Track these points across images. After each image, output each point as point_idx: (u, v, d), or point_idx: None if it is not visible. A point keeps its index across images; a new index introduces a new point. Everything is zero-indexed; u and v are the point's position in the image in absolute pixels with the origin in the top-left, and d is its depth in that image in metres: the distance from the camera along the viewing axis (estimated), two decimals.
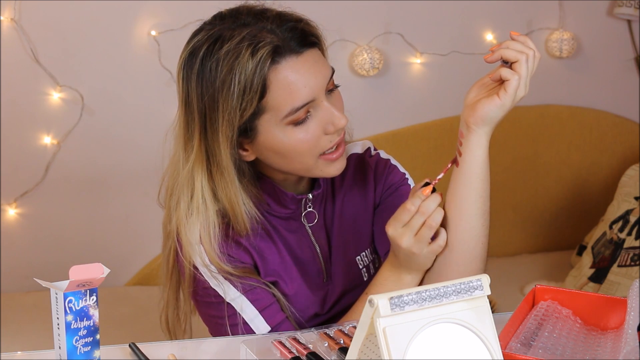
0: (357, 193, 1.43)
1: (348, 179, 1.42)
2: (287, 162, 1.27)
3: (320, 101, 1.24)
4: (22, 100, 2.55)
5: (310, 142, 1.24)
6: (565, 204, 2.96)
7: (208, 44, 1.22)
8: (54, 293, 1.05)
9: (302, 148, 1.24)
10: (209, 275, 1.29)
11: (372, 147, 1.48)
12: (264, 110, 1.22)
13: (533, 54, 1.21)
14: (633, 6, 2.83)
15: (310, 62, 1.23)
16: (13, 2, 2.48)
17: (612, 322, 1.17)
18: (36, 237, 2.65)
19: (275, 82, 1.20)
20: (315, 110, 1.24)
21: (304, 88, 1.21)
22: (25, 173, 2.60)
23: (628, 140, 2.95)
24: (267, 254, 1.34)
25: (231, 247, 1.30)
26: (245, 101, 1.20)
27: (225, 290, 1.29)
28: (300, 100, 1.21)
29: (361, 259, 1.41)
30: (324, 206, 1.40)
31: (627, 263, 2.40)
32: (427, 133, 2.81)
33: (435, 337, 0.90)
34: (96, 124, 2.60)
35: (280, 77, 1.20)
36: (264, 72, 1.19)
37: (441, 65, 2.80)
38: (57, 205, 2.64)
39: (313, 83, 1.22)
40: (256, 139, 1.25)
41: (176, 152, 1.29)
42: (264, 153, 1.27)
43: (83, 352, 1.05)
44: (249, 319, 1.30)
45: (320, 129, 1.25)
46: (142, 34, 2.57)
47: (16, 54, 2.51)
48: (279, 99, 1.21)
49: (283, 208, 1.35)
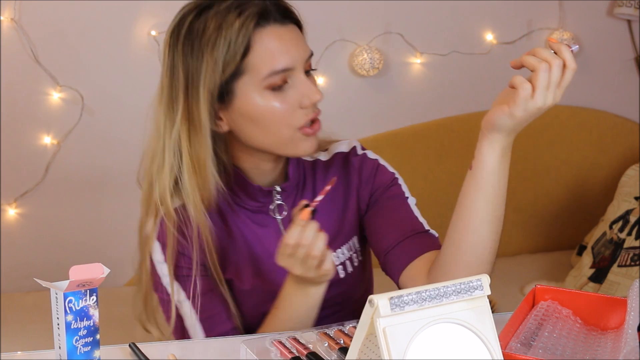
0: (339, 190, 1.43)
1: (332, 173, 1.43)
2: (261, 132, 1.29)
3: (299, 73, 1.28)
4: (22, 100, 2.55)
5: (286, 112, 1.27)
6: (566, 204, 2.96)
7: (197, 10, 1.28)
8: (54, 293, 1.05)
9: (277, 116, 1.27)
10: (164, 272, 1.33)
11: (358, 147, 1.48)
12: (244, 71, 1.26)
13: (559, 64, 1.13)
14: (633, 6, 2.83)
15: (292, 34, 1.29)
16: (13, 2, 2.48)
17: (612, 322, 1.17)
18: (36, 237, 2.65)
19: (259, 43, 1.25)
20: (293, 80, 1.28)
21: (285, 54, 1.26)
22: (25, 173, 2.60)
23: (628, 140, 2.95)
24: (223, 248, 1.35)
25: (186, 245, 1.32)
26: (229, 57, 1.24)
27: (174, 291, 1.33)
28: (280, 64, 1.25)
29: (337, 255, 1.41)
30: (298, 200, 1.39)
31: (627, 263, 2.40)
32: (427, 133, 2.81)
33: (435, 337, 0.90)
34: (96, 124, 2.60)
35: (264, 40, 1.26)
36: (249, 32, 1.25)
37: (441, 65, 2.80)
38: (57, 205, 2.64)
39: (294, 52, 1.27)
40: (232, 104, 1.28)
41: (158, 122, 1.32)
42: (239, 122, 1.29)
43: (83, 352, 1.05)
44: (190, 324, 1.33)
45: (296, 100, 1.28)
46: (142, 34, 2.57)
47: (16, 54, 2.51)
48: (260, 61, 1.25)
49: (252, 200, 1.37)
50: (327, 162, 1.44)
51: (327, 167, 1.44)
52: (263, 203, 1.37)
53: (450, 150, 2.82)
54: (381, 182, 1.43)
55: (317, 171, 1.43)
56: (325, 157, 1.45)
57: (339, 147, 1.46)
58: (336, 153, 1.45)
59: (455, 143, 2.82)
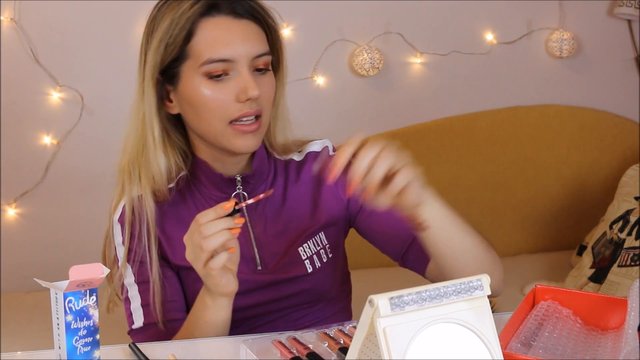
0: (309, 187, 1.44)
1: (305, 173, 1.45)
2: (198, 120, 1.32)
3: (241, 67, 1.29)
4: (22, 100, 2.55)
5: (219, 102, 1.29)
6: (565, 204, 2.96)
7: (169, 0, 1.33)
8: (54, 293, 1.05)
9: (210, 105, 1.29)
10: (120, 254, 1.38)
11: (330, 147, 1.49)
12: (187, 55, 1.30)
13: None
14: (633, 6, 2.83)
15: (243, 29, 1.31)
16: (13, 2, 2.48)
17: (612, 322, 1.17)
18: (36, 237, 2.65)
19: (202, 31, 1.29)
20: (234, 73, 1.30)
21: (227, 45, 1.28)
22: (25, 173, 2.60)
23: (628, 140, 2.95)
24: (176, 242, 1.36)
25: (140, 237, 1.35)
26: (171, 39, 1.29)
27: (126, 273, 1.37)
28: (219, 54, 1.28)
29: (304, 249, 1.41)
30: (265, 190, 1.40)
31: (627, 263, 2.40)
32: (427, 133, 2.81)
33: (435, 337, 0.90)
34: (96, 124, 2.60)
35: (208, 28, 1.29)
36: (193, 17, 1.29)
37: (441, 65, 2.80)
38: (56, 205, 2.64)
39: (237, 46, 1.29)
40: (178, 87, 1.32)
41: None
42: (184, 106, 1.33)
43: (83, 352, 1.05)
44: (134, 308, 1.37)
45: (232, 93, 1.29)
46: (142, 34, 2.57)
47: (16, 54, 2.51)
48: (201, 47, 1.29)
49: (217, 190, 1.38)
50: (300, 162, 1.46)
51: (300, 167, 1.45)
52: (228, 194, 1.39)
53: (450, 150, 2.82)
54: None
55: (290, 171, 1.45)
56: (299, 157, 1.47)
57: (311, 147, 1.48)
58: (309, 152, 1.47)
59: (455, 143, 2.82)
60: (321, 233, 1.43)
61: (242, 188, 1.38)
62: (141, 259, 1.36)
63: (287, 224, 1.41)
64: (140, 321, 1.36)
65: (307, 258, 1.41)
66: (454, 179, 2.82)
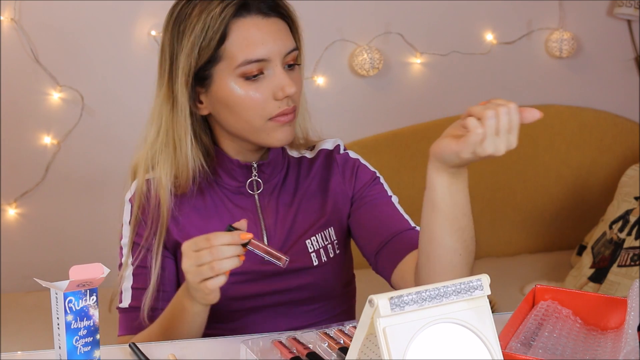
0: (320, 182, 1.46)
1: (315, 168, 1.47)
2: (235, 119, 1.33)
3: (275, 65, 1.30)
4: (22, 100, 2.55)
5: (258, 101, 1.30)
6: (565, 203, 2.96)
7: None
8: (54, 293, 1.05)
9: (249, 104, 1.30)
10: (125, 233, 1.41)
11: (341, 145, 1.51)
12: (220, 58, 1.30)
13: (506, 110, 1.11)
14: (633, 6, 2.83)
15: (273, 27, 1.31)
16: (13, 2, 2.48)
17: (612, 322, 1.17)
18: (36, 237, 2.65)
19: (236, 32, 1.29)
20: (269, 72, 1.30)
21: (261, 45, 1.29)
22: (25, 173, 2.60)
23: (628, 140, 2.95)
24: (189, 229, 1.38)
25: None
26: (205, 43, 1.29)
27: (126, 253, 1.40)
28: (254, 54, 1.28)
29: (311, 242, 1.42)
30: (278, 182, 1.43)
31: (627, 263, 2.40)
32: (427, 133, 2.81)
33: (435, 337, 0.90)
34: (96, 124, 2.60)
35: (242, 29, 1.29)
36: (226, 20, 1.28)
37: (441, 65, 2.80)
38: (57, 205, 2.64)
39: (271, 45, 1.30)
40: (210, 89, 1.33)
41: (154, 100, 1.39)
42: (216, 106, 1.33)
43: (83, 352, 1.05)
44: (124, 287, 1.39)
45: (269, 92, 1.31)
46: (142, 34, 2.57)
47: (16, 54, 2.51)
48: (235, 49, 1.29)
49: (232, 179, 1.40)
50: (312, 159, 1.48)
51: (312, 164, 1.47)
52: (242, 183, 1.40)
53: None
54: (362, 180, 1.47)
55: (302, 167, 1.47)
56: (311, 154, 1.49)
57: (323, 144, 1.50)
58: (320, 150, 1.49)
59: None
60: (330, 229, 1.44)
61: (257, 175, 1.40)
62: (145, 244, 1.38)
63: (297, 216, 1.43)
64: (126, 302, 1.38)
65: (313, 251, 1.42)
66: None
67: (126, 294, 1.39)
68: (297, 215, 1.43)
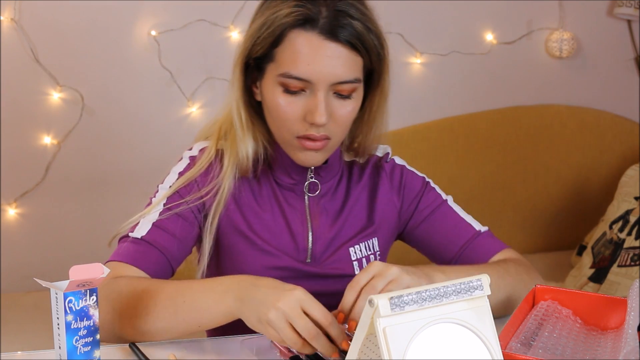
0: (368, 190, 1.46)
1: (366, 176, 1.47)
2: (272, 121, 1.33)
3: (317, 90, 1.26)
4: (22, 100, 2.55)
5: (288, 115, 1.28)
6: (565, 203, 2.96)
7: None
8: (54, 293, 1.05)
9: (282, 115, 1.29)
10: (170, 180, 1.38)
11: (390, 152, 1.52)
12: (272, 58, 1.28)
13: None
14: (633, 6, 2.83)
15: (331, 52, 1.25)
16: (13, 2, 2.48)
17: (612, 322, 1.17)
18: (36, 237, 2.65)
19: (289, 42, 1.26)
20: (310, 92, 1.27)
21: (307, 65, 1.25)
22: (25, 173, 2.60)
23: (628, 140, 2.95)
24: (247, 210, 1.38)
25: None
26: (261, 39, 1.27)
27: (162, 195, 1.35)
28: (296, 71, 1.25)
29: (355, 250, 1.42)
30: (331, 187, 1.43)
31: (627, 263, 2.40)
32: (427, 133, 2.81)
33: (435, 337, 0.90)
34: (96, 124, 2.60)
35: (295, 42, 1.25)
36: (284, 26, 1.25)
37: (441, 65, 2.80)
38: (57, 205, 2.64)
39: (319, 69, 1.25)
40: (262, 82, 1.32)
41: None
42: (263, 99, 1.34)
43: (83, 352, 1.05)
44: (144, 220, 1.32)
45: (301, 111, 1.28)
46: (142, 34, 2.57)
47: (16, 54, 2.51)
48: (283, 58, 1.26)
49: (286, 176, 1.40)
50: (362, 165, 1.48)
51: (362, 170, 1.47)
52: (296, 181, 1.40)
53: (450, 150, 2.82)
54: (413, 189, 1.47)
55: (353, 172, 1.47)
56: (362, 159, 1.48)
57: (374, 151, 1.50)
58: (370, 156, 1.49)
59: (455, 143, 2.82)
60: (374, 239, 1.44)
61: (312, 177, 1.40)
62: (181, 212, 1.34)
63: (344, 222, 1.43)
64: (140, 233, 1.31)
65: (356, 259, 1.42)
66: (454, 179, 2.82)
67: (144, 225, 1.32)
68: (345, 222, 1.43)
